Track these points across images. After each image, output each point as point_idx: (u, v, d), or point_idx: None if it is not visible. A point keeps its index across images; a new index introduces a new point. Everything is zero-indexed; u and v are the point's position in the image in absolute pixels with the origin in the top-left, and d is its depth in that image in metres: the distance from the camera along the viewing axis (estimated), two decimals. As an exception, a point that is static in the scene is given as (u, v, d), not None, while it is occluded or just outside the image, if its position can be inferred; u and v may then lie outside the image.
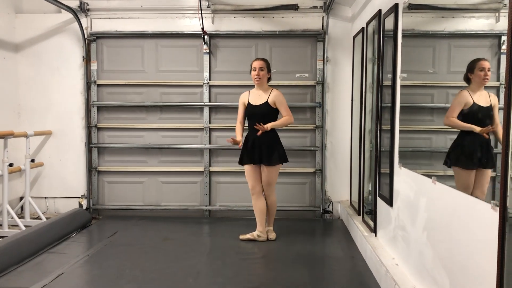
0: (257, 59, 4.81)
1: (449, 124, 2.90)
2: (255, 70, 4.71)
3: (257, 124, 4.60)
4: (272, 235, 4.90)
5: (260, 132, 4.59)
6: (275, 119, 4.74)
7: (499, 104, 2.79)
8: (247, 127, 4.85)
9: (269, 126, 4.63)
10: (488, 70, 2.65)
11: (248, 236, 4.81)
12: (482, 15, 2.88)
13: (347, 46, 5.71)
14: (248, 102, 4.81)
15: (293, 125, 5.76)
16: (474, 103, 2.73)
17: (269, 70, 4.80)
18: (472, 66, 2.73)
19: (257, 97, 4.77)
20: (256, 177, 4.80)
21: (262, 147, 4.68)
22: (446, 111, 3.18)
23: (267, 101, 4.70)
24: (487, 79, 2.65)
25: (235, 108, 5.76)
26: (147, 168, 5.94)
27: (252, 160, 4.72)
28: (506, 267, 1.97)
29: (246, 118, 4.84)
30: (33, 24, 5.90)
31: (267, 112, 4.71)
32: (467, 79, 2.77)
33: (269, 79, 4.83)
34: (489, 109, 2.65)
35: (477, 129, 2.65)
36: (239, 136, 4.77)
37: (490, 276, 2.04)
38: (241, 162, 4.84)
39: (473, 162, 2.75)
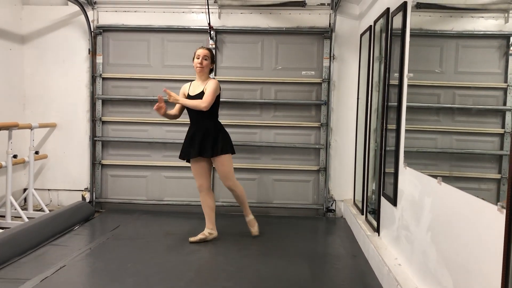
0: (202, 47, 4.58)
1: None
2: (199, 58, 4.47)
3: (165, 89, 4.35)
4: (255, 229, 4.76)
5: (168, 96, 4.31)
6: (213, 111, 4.49)
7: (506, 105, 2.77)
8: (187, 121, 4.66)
9: (177, 98, 4.34)
10: None
11: (199, 236, 4.60)
12: (491, 15, 2.85)
13: (354, 44, 5.68)
14: (188, 93, 4.57)
15: (298, 123, 5.76)
16: None
17: (212, 61, 4.58)
18: None
19: (195, 87, 4.55)
20: (203, 172, 4.58)
21: (203, 139, 4.45)
22: (452, 112, 3.15)
23: (202, 91, 4.46)
24: None
25: (240, 103, 5.78)
26: (151, 162, 5.94)
27: (193, 153, 4.47)
28: None
29: (186, 110, 4.59)
30: (40, 16, 5.90)
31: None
32: None
33: (211, 70, 4.63)
34: None
35: None
36: (166, 111, 4.44)
37: (495, 278, 2.02)
38: (182, 157, 4.62)
39: None
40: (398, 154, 3.68)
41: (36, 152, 5.72)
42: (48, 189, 6.05)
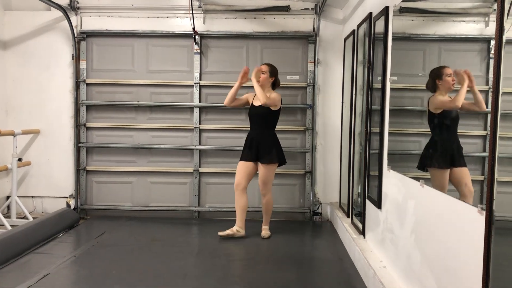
0: (264, 63, 5.05)
1: None
2: (257, 73, 4.92)
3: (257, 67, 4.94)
4: (266, 233, 4.97)
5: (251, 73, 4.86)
6: (273, 122, 4.96)
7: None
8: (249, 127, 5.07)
9: (256, 80, 4.81)
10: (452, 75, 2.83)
11: (227, 231, 4.86)
12: (472, 20, 2.90)
13: (338, 48, 5.72)
14: (252, 102, 5.00)
15: (284, 127, 5.77)
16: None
17: (272, 75, 4.95)
18: (439, 72, 2.90)
19: (257, 99, 4.92)
20: (246, 174, 4.91)
21: (260, 145, 4.85)
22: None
23: (264, 104, 4.83)
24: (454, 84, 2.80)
25: (226, 109, 5.76)
26: (136, 168, 5.90)
27: (248, 157, 4.87)
28: (492, 270, 1.97)
29: (249, 118, 5.04)
30: (22, 21, 5.84)
31: (264, 113, 4.87)
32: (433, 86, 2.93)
33: (274, 84, 5.00)
34: None
35: None
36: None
37: (476, 278, 2.05)
38: (241, 159, 4.98)
39: None
40: (382, 157, 3.71)
41: (19, 159, 5.64)
42: (32, 196, 5.98)
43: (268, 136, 4.92)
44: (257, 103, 4.92)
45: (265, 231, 4.99)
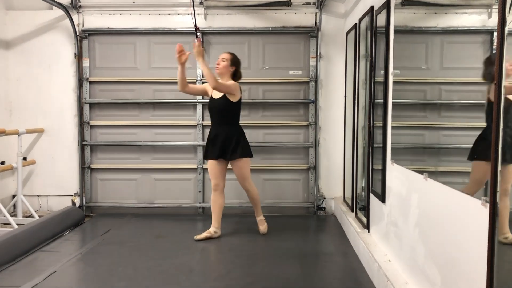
0: (227, 52, 4.79)
1: None
2: (218, 59, 4.69)
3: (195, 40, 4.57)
4: (263, 227, 4.89)
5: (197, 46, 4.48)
6: (234, 115, 4.70)
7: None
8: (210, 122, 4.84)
9: (200, 55, 4.50)
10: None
11: (204, 234, 4.70)
12: (474, 11, 2.88)
13: (340, 43, 5.71)
14: (211, 95, 4.73)
15: (286, 122, 5.79)
16: None
17: (233, 64, 4.68)
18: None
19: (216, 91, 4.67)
20: (220, 173, 4.73)
21: (225, 142, 4.61)
22: (438, 107, 3.18)
23: (224, 95, 4.61)
24: None
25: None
26: (140, 165, 5.92)
27: (215, 155, 4.63)
28: (496, 263, 1.97)
29: (209, 113, 4.82)
30: (24, 21, 5.85)
31: (223, 105, 4.61)
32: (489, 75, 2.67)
33: (235, 75, 4.72)
34: None
35: None
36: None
37: (481, 271, 2.05)
38: (206, 157, 4.79)
39: None
40: (385, 150, 3.70)
41: (24, 158, 5.68)
42: (38, 195, 6.01)
43: (233, 131, 4.65)
44: (216, 95, 4.66)
45: (261, 224, 4.90)
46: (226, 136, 4.61)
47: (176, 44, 4.52)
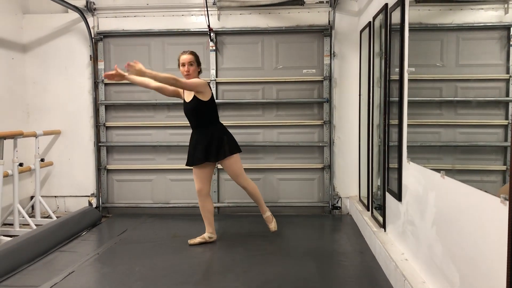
0: (184, 52, 4.45)
1: None
2: (184, 66, 4.38)
3: (128, 63, 4.08)
4: (272, 225, 4.73)
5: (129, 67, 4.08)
6: (207, 116, 4.42)
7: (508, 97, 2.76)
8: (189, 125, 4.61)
9: (143, 68, 4.07)
10: None
11: (198, 239, 4.62)
12: (490, 7, 2.85)
13: (354, 41, 5.68)
14: (184, 98, 4.52)
15: (301, 121, 5.78)
16: None
17: (198, 64, 4.48)
18: None
19: (188, 93, 4.45)
20: (205, 178, 4.53)
21: (208, 144, 4.40)
22: (454, 105, 3.15)
23: (194, 96, 4.38)
24: None
25: (243, 104, 5.80)
26: (156, 166, 5.96)
27: (198, 160, 4.42)
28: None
29: (187, 118, 4.55)
30: (40, 24, 5.93)
31: (196, 107, 4.37)
32: None
33: (199, 72, 4.53)
34: None
35: None
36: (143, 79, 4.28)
37: (501, 270, 2.02)
38: (189, 164, 4.55)
39: None
40: (401, 149, 3.68)
41: (42, 160, 5.76)
42: (55, 196, 6.09)
43: (213, 132, 4.43)
44: (188, 98, 4.42)
45: (269, 221, 4.70)
46: (207, 138, 4.41)
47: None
